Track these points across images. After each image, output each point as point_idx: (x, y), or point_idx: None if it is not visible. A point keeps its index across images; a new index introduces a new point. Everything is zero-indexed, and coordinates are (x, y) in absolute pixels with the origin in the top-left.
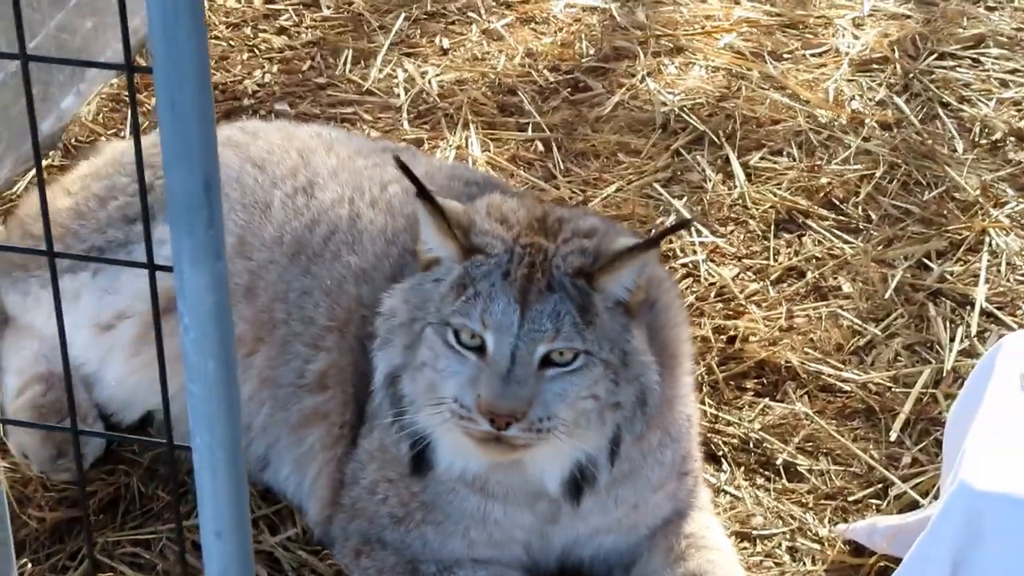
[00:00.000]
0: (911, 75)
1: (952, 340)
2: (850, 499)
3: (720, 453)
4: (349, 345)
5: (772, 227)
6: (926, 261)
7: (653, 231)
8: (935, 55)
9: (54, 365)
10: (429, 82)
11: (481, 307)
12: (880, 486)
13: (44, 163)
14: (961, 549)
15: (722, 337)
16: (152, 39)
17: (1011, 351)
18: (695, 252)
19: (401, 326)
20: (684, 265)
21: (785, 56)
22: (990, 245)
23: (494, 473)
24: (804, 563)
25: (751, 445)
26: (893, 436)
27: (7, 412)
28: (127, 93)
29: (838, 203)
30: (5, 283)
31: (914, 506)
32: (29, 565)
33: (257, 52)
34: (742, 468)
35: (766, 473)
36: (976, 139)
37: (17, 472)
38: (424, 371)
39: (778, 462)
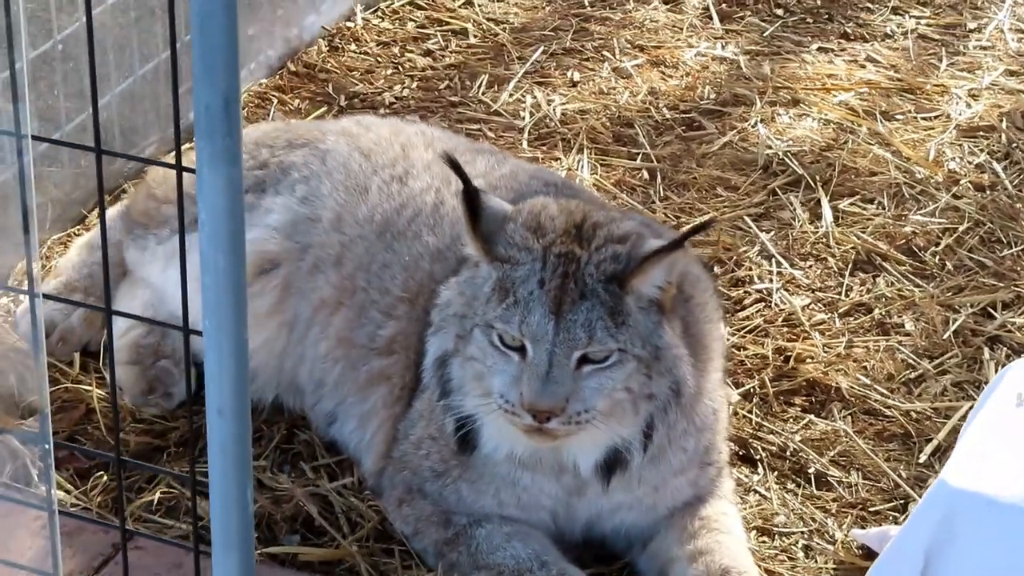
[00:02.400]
0: (1014, 144)
1: None
2: (871, 509)
3: (757, 457)
4: (418, 315)
5: (850, 266)
6: (991, 310)
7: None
8: None
9: (158, 312)
10: (554, 109)
11: (519, 316)
12: (902, 501)
13: (185, 146)
14: (934, 545)
15: (780, 357)
16: None
17: (1016, 373)
18: (771, 280)
19: (454, 316)
20: (758, 291)
21: (897, 117)
22: None
23: (535, 453)
24: (816, 560)
25: (788, 453)
26: (923, 458)
27: (113, 350)
28: (274, 93)
29: (918, 251)
30: (127, 240)
31: None
32: (104, 478)
33: (401, 69)
34: (775, 472)
35: (797, 479)
36: None
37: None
38: (473, 363)
39: (811, 471)
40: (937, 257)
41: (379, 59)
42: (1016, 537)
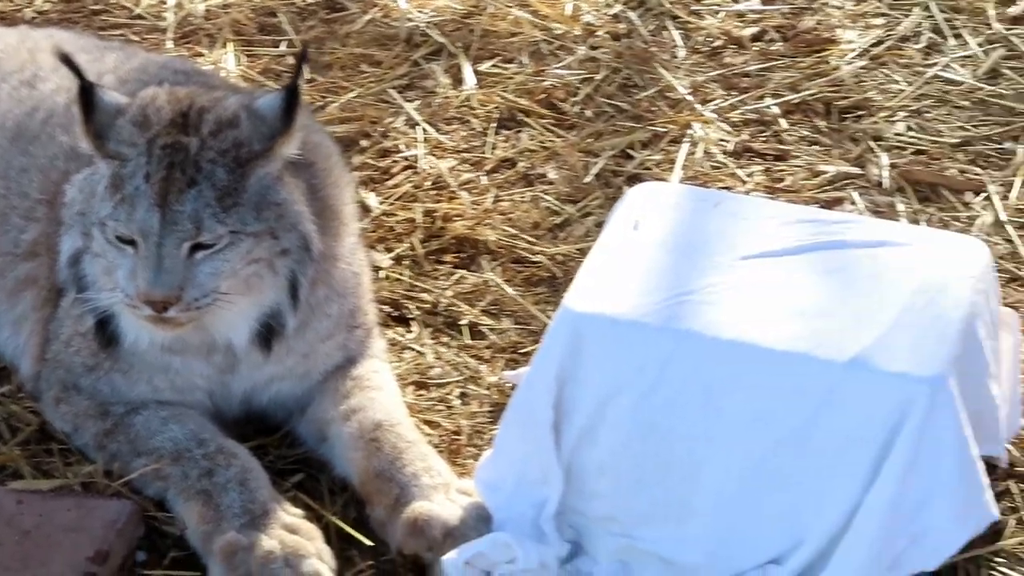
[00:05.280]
0: None
1: None
2: (522, 351)
3: (411, 316)
4: (57, 216)
5: (494, 125)
6: (629, 151)
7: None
8: None
9: None
10: (196, 6)
11: (126, 211)
12: None
13: None
14: (564, 369)
15: (429, 219)
16: None
17: (633, 199)
18: (416, 147)
19: (79, 214)
20: (405, 158)
21: None
22: (692, 137)
23: (178, 339)
24: (471, 406)
25: (440, 309)
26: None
27: None
28: None
29: (558, 103)
30: None
31: None
32: None
33: None
34: (430, 329)
35: (451, 333)
36: (698, 47)
37: None
38: (99, 259)
39: (463, 323)
40: (577, 107)
41: None
42: (634, 351)
